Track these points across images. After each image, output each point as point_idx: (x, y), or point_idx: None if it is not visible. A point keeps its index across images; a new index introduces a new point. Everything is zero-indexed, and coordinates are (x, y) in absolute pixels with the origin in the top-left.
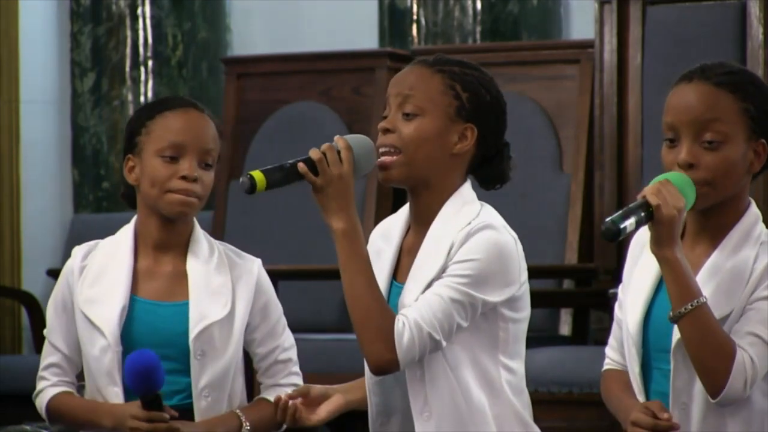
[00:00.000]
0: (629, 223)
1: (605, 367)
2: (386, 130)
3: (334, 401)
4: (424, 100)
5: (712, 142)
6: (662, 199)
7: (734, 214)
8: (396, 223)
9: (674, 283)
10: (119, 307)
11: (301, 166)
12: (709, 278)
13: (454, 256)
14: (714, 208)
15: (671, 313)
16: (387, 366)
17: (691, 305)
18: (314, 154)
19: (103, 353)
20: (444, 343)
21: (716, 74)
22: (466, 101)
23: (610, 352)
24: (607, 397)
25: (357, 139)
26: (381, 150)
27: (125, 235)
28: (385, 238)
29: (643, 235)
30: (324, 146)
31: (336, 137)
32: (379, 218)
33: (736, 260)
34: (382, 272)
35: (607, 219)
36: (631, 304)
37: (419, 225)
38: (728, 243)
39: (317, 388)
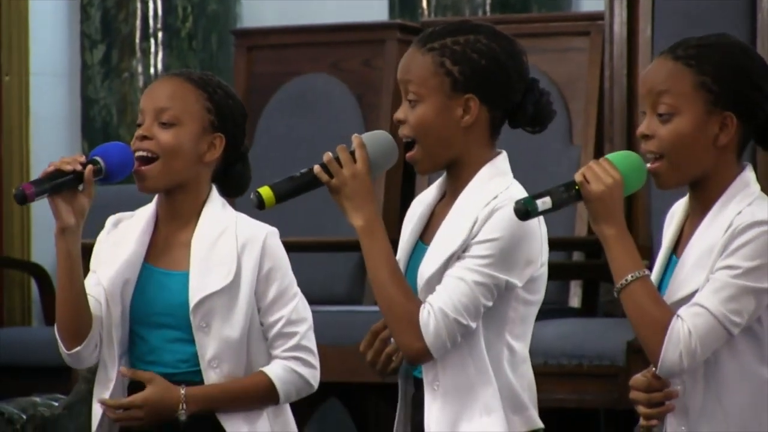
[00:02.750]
0: (542, 201)
1: None
2: (399, 121)
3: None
4: (419, 85)
5: (663, 115)
6: (591, 176)
7: (719, 186)
8: (433, 187)
9: (611, 260)
10: (126, 269)
11: (316, 168)
12: (690, 252)
13: (477, 234)
14: (698, 184)
15: (615, 288)
16: (418, 355)
17: (625, 281)
18: (326, 156)
19: (107, 313)
20: (473, 326)
21: (682, 48)
22: (458, 74)
23: None
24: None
25: (374, 136)
26: (404, 140)
27: (151, 205)
28: (421, 203)
29: (674, 208)
30: (338, 148)
31: (353, 136)
32: (388, 201)
33: (713, 232)
34: (410, 232)
35: (525, 196)
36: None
37: (452, 193)
38: (709, 216)
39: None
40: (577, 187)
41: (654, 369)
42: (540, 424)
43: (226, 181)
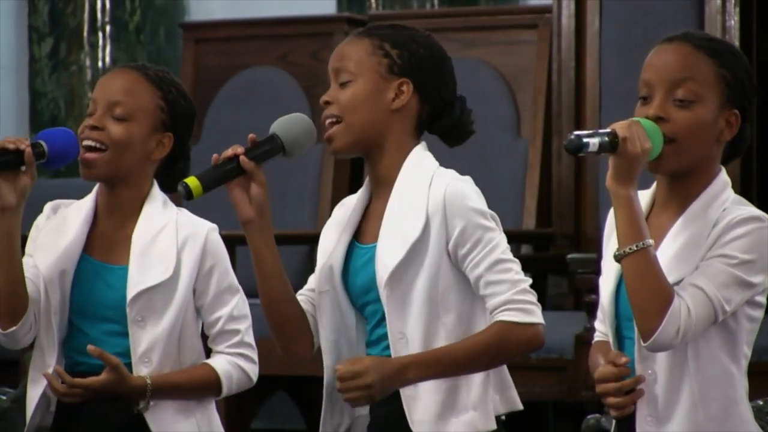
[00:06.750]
0: (593, 141)
1: (594, 339)
2: (326, 103)
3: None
4: (354, 65)
5: (684, 101)
6: (630, 135)
7: (702, 181)
8: (357, 195)
9: (624, 222)
10: (64, 259)
11: (242, 159)
12: (672, 243)
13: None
14: (682, 174)
15: (616, 251)
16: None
17: (636, 246)
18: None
19: (45, 299)
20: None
21: (697, 38)
22: (396, 57)
23: (597, 324)
24: (590, 367)
25: (286, 121)
26: (326, 122)
27: (90, 197)
28: (347, 207)
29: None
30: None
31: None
32: (336, 191)
33: (699, 225)
34: (341, 234)
35: (574, 132)
36: (604, 277)
37: (381, 188)
38: (694, 209)
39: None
40: (617, 140)
41: (641, 342)
42: (520, 406)
43: (166, 176)
